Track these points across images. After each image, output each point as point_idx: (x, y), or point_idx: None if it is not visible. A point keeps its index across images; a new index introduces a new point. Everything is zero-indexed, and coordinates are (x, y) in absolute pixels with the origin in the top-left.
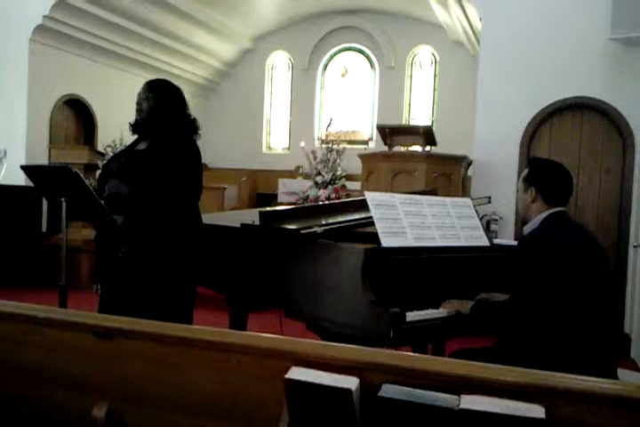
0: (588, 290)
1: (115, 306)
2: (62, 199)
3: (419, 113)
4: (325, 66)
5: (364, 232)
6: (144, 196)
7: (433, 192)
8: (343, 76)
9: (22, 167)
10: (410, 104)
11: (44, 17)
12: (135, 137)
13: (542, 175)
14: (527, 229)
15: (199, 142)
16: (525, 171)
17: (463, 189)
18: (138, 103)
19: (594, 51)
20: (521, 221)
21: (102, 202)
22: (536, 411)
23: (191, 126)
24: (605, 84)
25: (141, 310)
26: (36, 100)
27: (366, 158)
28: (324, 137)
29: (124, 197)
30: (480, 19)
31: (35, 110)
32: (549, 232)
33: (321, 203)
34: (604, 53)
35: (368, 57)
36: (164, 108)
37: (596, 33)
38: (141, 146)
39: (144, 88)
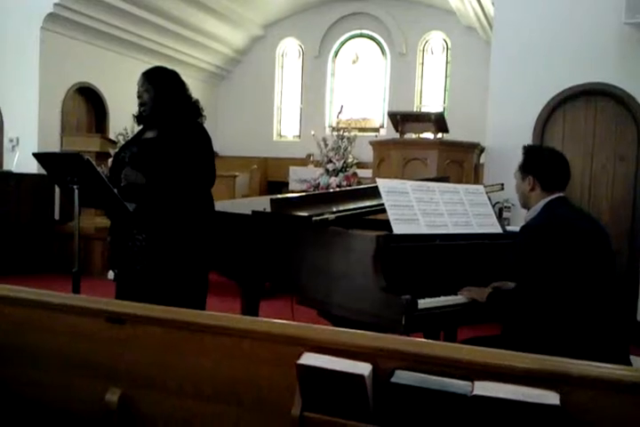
0: (592, 274)
1: (132, 293)
2: (74, 187)
3: (430, 100)
4: (336, 52)
5: (376, 219)
6: (160, 184)
7: (445, 179)
8: (354, 62)
9: (34, 155)
10: (421, 91)
11: (55, 5)
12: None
13: (538, 162)
14: (529, 216)
15: (208, 129)
16: (521, 160)
17: (475, 177)
18: (139, 96)
19: (608, 35)
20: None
21: (114, 189)
22: (550, 398)
23: (194, 109)
24: (620, 69)
25: (158, 297)
26: (47, 89)
27: (377, 146)
28: (334, 124)
29: (141, 185)
30: (492, 3)
31: (46, 99)
32: (550, 218)
33: (332, 190)
34: (618, 38)
35: (379, 43)
36: (165, 96)
37: (610, 17)
38: (150, 134)
39: (141, 80)
